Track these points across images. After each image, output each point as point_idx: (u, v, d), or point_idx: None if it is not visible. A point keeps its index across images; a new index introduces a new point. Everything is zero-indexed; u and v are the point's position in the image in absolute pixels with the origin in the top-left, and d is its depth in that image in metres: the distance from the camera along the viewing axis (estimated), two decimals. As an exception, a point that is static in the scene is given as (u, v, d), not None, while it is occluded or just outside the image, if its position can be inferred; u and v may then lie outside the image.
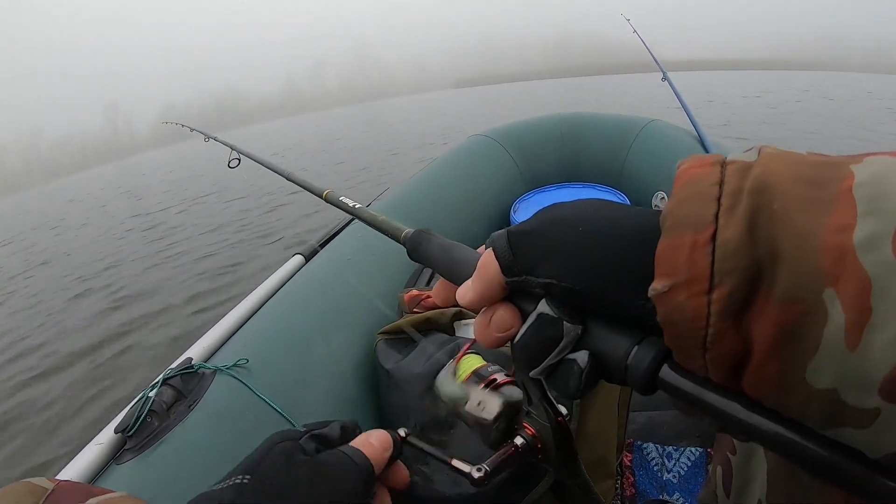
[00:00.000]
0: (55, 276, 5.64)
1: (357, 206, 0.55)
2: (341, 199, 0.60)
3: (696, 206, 0.19)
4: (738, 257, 0.18)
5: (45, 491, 0.39)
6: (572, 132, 2.31)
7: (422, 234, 0.38)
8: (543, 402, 0.32)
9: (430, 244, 0.36)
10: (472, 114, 16.14)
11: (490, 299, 0.28)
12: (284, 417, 0.84)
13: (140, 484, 0.69)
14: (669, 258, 0.19)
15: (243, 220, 6.30)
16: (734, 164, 0.20)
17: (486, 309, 0.28)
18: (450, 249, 0.34)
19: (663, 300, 0.19)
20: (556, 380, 0.25)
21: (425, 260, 0.37)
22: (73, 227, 8.98)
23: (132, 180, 14.10)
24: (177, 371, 0.87)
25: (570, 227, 0.24)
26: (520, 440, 0.34)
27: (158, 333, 3.62)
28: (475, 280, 0.28)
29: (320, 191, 0.70)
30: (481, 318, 0.28)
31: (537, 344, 0.25)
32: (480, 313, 0.29)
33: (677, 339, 0.20)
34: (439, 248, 0.35)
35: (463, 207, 1.92)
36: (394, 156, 9.04)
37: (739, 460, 0.41)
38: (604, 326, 0.24)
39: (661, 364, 0.21)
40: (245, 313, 1.11)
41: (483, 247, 0.30)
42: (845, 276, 0.16)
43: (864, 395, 0.16)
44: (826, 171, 0.18)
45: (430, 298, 1.04)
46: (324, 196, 0.67)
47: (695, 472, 1.04)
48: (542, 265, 0.25)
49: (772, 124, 8.58)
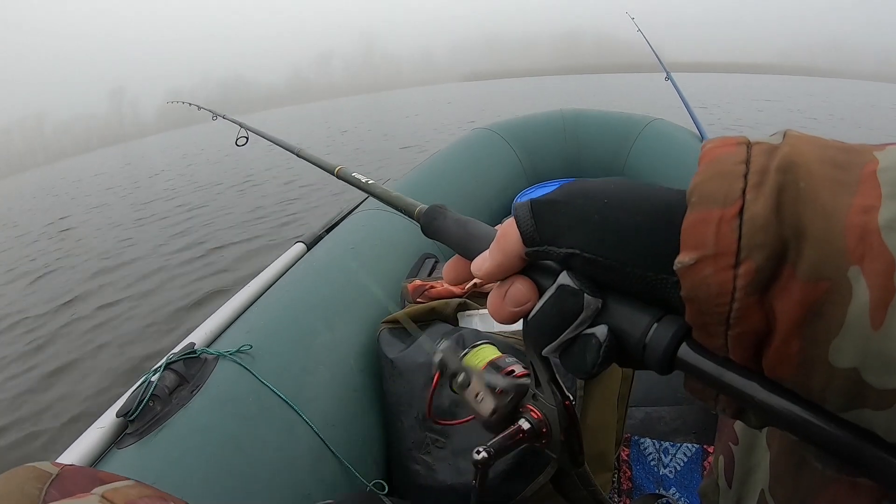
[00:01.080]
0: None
1: (370, 181, 0.53)
2: (353, 174, 0.58)
3: (724, 182, 0.19)
4: (766, 233, 0.18)
5: (49, 476, 0.39)
6: (575, 128, 2.31)
7: (436, 209, 0.37)
8: (552, 384, 0.32)
9: (446, 219, 0.36)
10: (486, 106, 16.00)
11: (507, 270, 0.27)
12: (287, 403, 0.84)
13: (141, 468, 0.69)
14: (697, 231, 0.19)
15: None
16: (760, 144, 0.20)
17: (502, 283, 0.28)
18: (465, 224, 0.34)
19: (689, 273, 0.19)
20: (571, 356, 0.25)
21: (440, 235, 0.36)
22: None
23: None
24: (179, 356, 0.87)
25: (595, 200, 0.24)
26: (525, 423, 0.33)
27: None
28: (493, 249, 0.28)
29: (332, 167, 0.67)
30: (496, 292, 0.28)
31: (555, 317, 0.25)
32: (495, 287, 0.28)
33: (700, 315, 0.20)
34: (455, 223, 0.35)
35: (464, 201, 1.92)
36: (406, 149, 9.01)
37: (742, 450, 0.41)
38: (623, 302, 0.24)
39: (680, 342, 0.21)
40: (248, 299, 1.11)
41: (499, 227, 0.30)
42: (870, 255, 0.16)
43: (886, 374, 0.17)
44: (850, 156, 0.19)
45: (433, 289, 1.04)
46: (335, 172, 0.65)
47: (691, 467, 1.05)
48: (565, 235, 0.24)
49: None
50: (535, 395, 0.33)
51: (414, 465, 0.85)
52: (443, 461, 0.82)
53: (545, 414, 0.33)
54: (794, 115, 10.76)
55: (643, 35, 2.61)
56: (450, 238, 0.35)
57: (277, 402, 0.84)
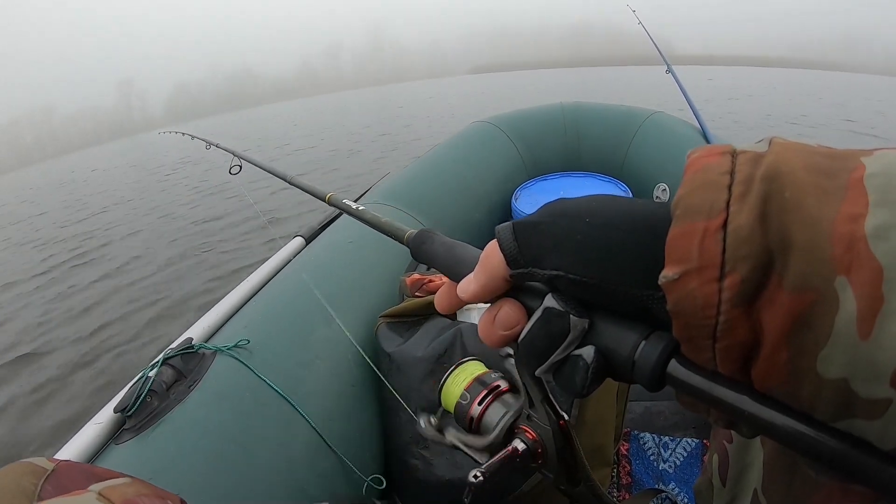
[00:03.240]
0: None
1: (360, 208, 0.54)
2: (344, 201, 0.60)
3: (708, 194, 0.19)
4: (750, 244, 0.17)
5: (45, 471, 0.39)
6: (575, 121, 2.29)
7: (424, 233, 0.38)
8: (545, 404, 0.32)
9: (434, 243, 0.36)
10: (494, 98, 15.90)
11: (493, 291, 0.28)
12: (285, 399, 0.84)
13: (139, 464, 0.69)
14: (681, 245, 0.19)
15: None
16: (745, 153, 0.20)
17: (492, 306, 0.28)
18: (453, 248, 0.34)
19: (674, 288, 0.19)
20: (562, 377, 0.25)
21: (429, 259, 0.36)
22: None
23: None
24: (177, 351, 0.87)
25: (577, 220, 0.24)
26: (520, 444, 0.33)
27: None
28: (478, 271, 0.28)
29: (323, 194, 0.69)
30: (486, 317, 0.28)
31: (543, 339, 0.25)
32: (485, 311, 0.28)
33: (687, 328, 0.20)
34: (442, 246, 0.35)
35: (464, 194, 1.91)
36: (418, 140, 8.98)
37: (736, 449, 0.41)
38: (610, 321, 0.24)
39: (669, 358, 0.21)
40: (246, 294, 1.11)
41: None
42: (857, 264, 0.16)
43: (875, 384, 0.16)
44: (837, 162, 0.18)
45: (432, 282, 1.04)
46: (326, 199, 0.67)
47: (690, 462, 1.05)
48: (549, 257, 0.24)
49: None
50: (529, 416, 0.33)
51: (412, 459, 0.85)
52: (440, 456, 0.82)
53: (540, 434, 0.33)
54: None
55: (644, 28, 2.63)
56: (438, 262, 0.35)
57: (275, 396, 0.84)
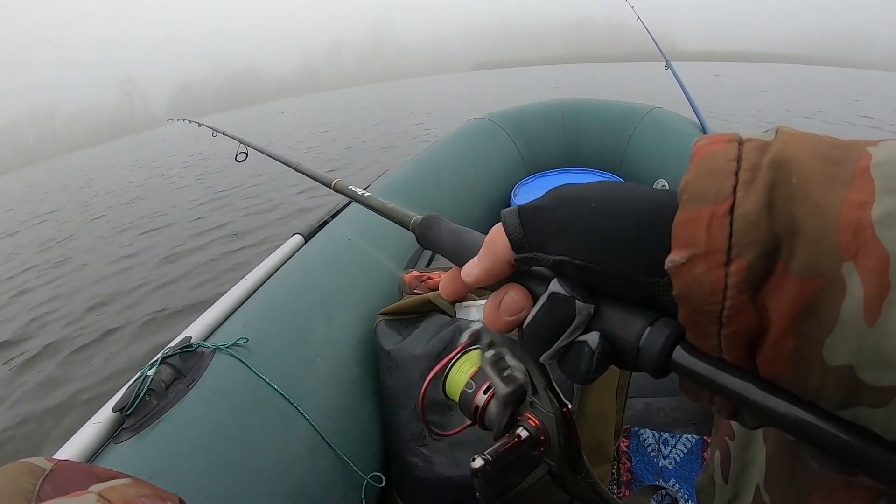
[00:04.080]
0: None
1: (366, 194, 0.54)
2: (350, 187, 0.60)
3: (715, 180, 0.19)
4: (757, 230, 0.17)
5: (44, 471, 0.38)
6: (574, 117, 2.29)
7: (431, 219, 0.38)
8: (548, 391, 0.32)
9: (440, 229, 0.36)
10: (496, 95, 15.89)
11: (497, 275, 0.27)
12: (284, 397, 0.84)
13: (138, 463, 0.69)
14: (687, 230, 0.19)
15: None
16: (752, 141, 0.20)
17: (497, 292, 0.28)
18: (460, 234, 0.34)
19: (680, 273, 0.19)
20: (567, 363, 0.25)
21: (435, 245, 0.36)
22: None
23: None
24: (176, 350, 0.87)
25: (583, 204, 0.24)
26: (523, 432, 0.33)
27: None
28: (482, 255, 0.28)
29: (329, 180, 0.70)
30: (491, 302, 0.28)
31: (549, 325, 0.25)
32: (490, 297, 0.28)
33: (693, 314, 0.19)
34: (449, 232, 0.35)
35: (464, 190, 1.91)
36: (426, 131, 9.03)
37: (738, 445, 0.41)
38: (616, 307, 0.23)
39: (674, 345, 0.21)
40: (244, 292, 1.10)
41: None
42: (864, 251, 0.16)
43: (881, 371, 0.16)
44: (844, 152, 0.19)
45: (431, 279, 1.04)
46: (332, 185, 0.67)
47: (690, 459, 1.05)
48: (554, 242, 0.24)
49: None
50: (532, 403, 0.33)
51: (411, 457, 0.84)
52: (440, 453, 0.82)
53: (543, 421, 0.33)
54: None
55: (643, 24, 2.64)
56: (444, 247, 0.35)
57: (274, 395, 0.84)
